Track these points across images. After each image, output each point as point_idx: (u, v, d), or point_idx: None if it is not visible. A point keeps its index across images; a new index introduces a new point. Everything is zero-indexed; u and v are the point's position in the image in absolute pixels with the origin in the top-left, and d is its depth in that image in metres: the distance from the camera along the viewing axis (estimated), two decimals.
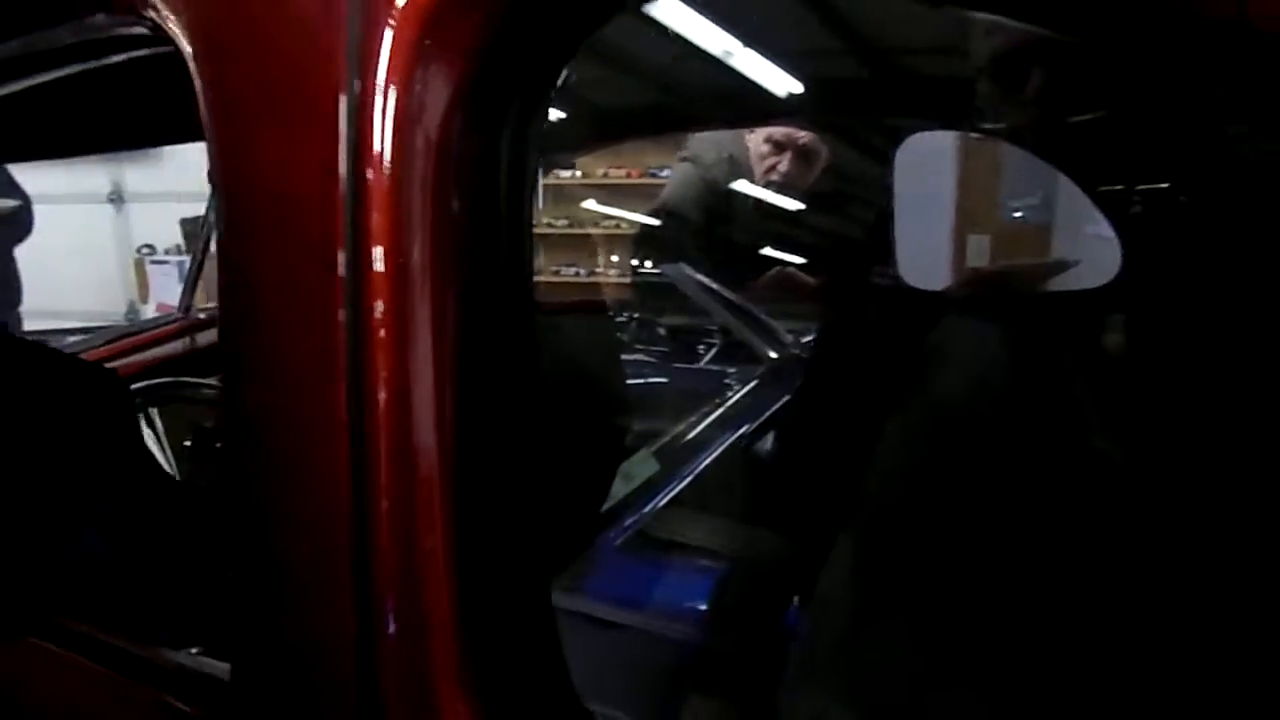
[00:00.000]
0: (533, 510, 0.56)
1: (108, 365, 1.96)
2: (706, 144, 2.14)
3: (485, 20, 0.49)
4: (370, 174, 0.50)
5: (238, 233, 0.56)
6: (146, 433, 1.85)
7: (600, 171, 4.69)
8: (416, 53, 0.49)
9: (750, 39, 1.61)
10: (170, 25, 0.59)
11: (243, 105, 0.55)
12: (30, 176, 3.93)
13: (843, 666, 0.91)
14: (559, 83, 0.56)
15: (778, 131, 2.01)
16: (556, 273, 5.07)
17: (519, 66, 0.51)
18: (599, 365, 1.89)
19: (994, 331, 1.13)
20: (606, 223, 4.28)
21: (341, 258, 0.51)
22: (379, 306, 0.51)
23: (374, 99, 0.50)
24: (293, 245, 0.53)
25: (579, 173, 4.82)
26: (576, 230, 5.03)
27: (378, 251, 0.50)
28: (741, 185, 2.16)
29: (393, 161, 0.50)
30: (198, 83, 0.57)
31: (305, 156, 0.52)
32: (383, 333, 0.51)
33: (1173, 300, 0.94)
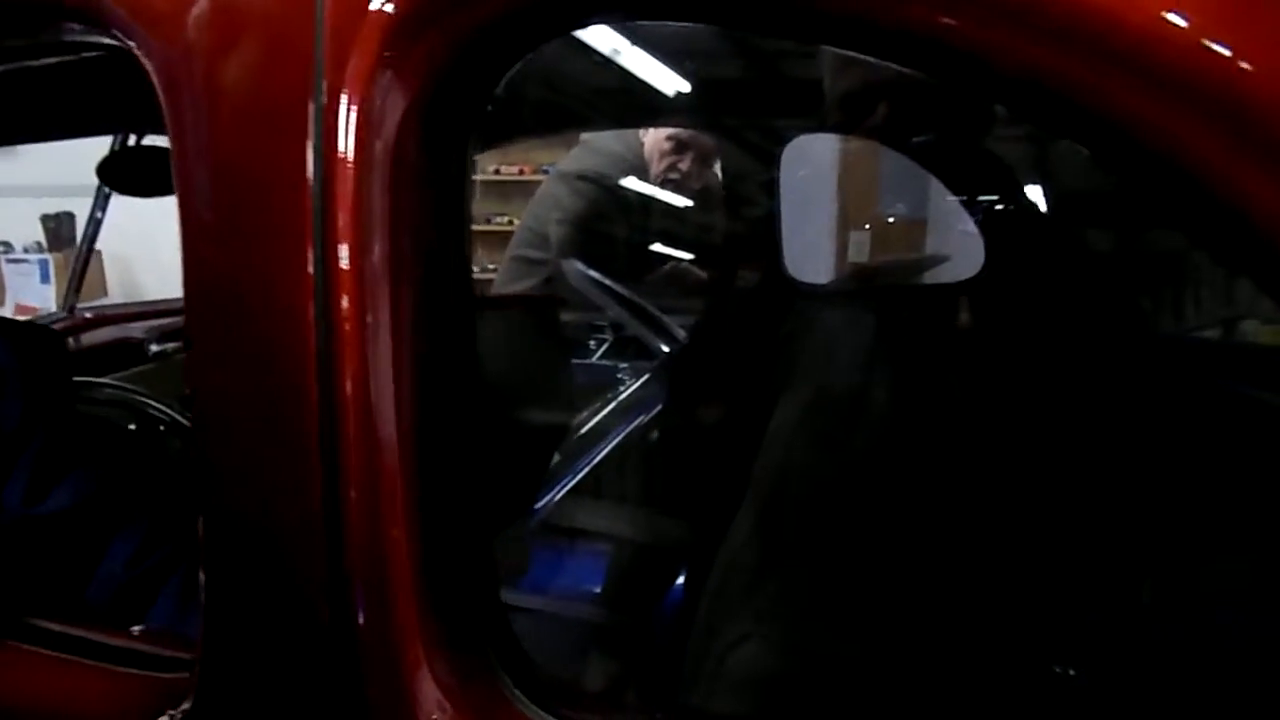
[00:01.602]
0: (489, 496, 0.62)
1: None
2: (597, 155, 2.17)
3: (444, 39, 0.54)
4: (337, 177, 0.55)
5: (205, 233, 0.59)
6: None
7: (491, 168, 4.68)
8: (379, 64, 0.54)
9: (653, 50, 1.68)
10: (128, 27, 0.61)
11: (212, 109, 0.58)
12: None
13: (756, 600, 1.02)
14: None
15: (682, 132, 2.08)
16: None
17: (472, 82, 0.57)
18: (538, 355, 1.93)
19: (869, 321, 1.24)
20: (499, 220, 4.29)
21: (311, 255, 0.56)
22: (345, 302, 0.55)
23: (339, 107, 0.55)
24: (262, 243, 0.57)
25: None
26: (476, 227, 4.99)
27: (344, 250, 0.55)
28: (634, 183, 2.22)
29: (356, 165, 0.55)
30: (159, 85, 0.60)
31: (275, 159, 0.56)
32: (348, 326, 0.56)
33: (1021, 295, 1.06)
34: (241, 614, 0.63)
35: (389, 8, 0.54)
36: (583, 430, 2.26)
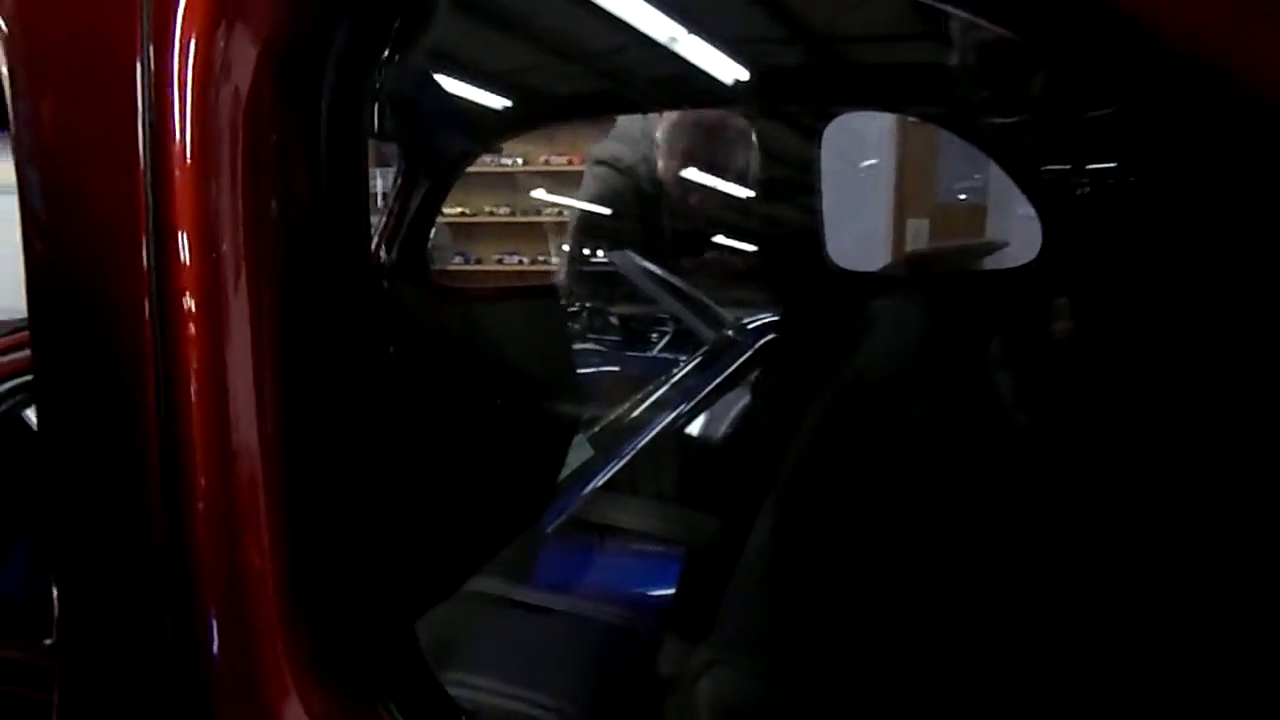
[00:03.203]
0: (374, 505, 0.53)
1: (10, 357, 1.89)
2: (618, 140, 2.12)
3: None
4: (172, 153, 0.46)
5: (38, 226, 0.51)
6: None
7: (541, 159, 4.62)
8: (218, 8, 0.45)
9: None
10: None
11: (38, 79, 0.50)
12: None
13: (738, 623, 0.92)
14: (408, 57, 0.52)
15: (692, 143, 2.00)
16: (500, 261, 5.03)
17: (334, 20, 0.47)
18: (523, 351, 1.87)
19: (918, 311, 1.13)
20: (550, 210, 4.23)
21: (146, 246, 0.47)
22: (187, 299, 0.47)
23: (172, 64, 0.45)
24: (94, 235, 0.49)
25: (520, 160, 4.75)
26: (520, 219, 4.98)
27: (183, 238, 0.46)
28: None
29: (195, 135, 0.46)
30: (3, 62, 0.52)
31: (101, 136, 0.48)
32: (192, 327, 0.47)
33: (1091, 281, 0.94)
34: (88, 635, 0.55)
35: None
36: (617, 426, 2.18)
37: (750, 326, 2.16)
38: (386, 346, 0.55)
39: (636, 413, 2.25)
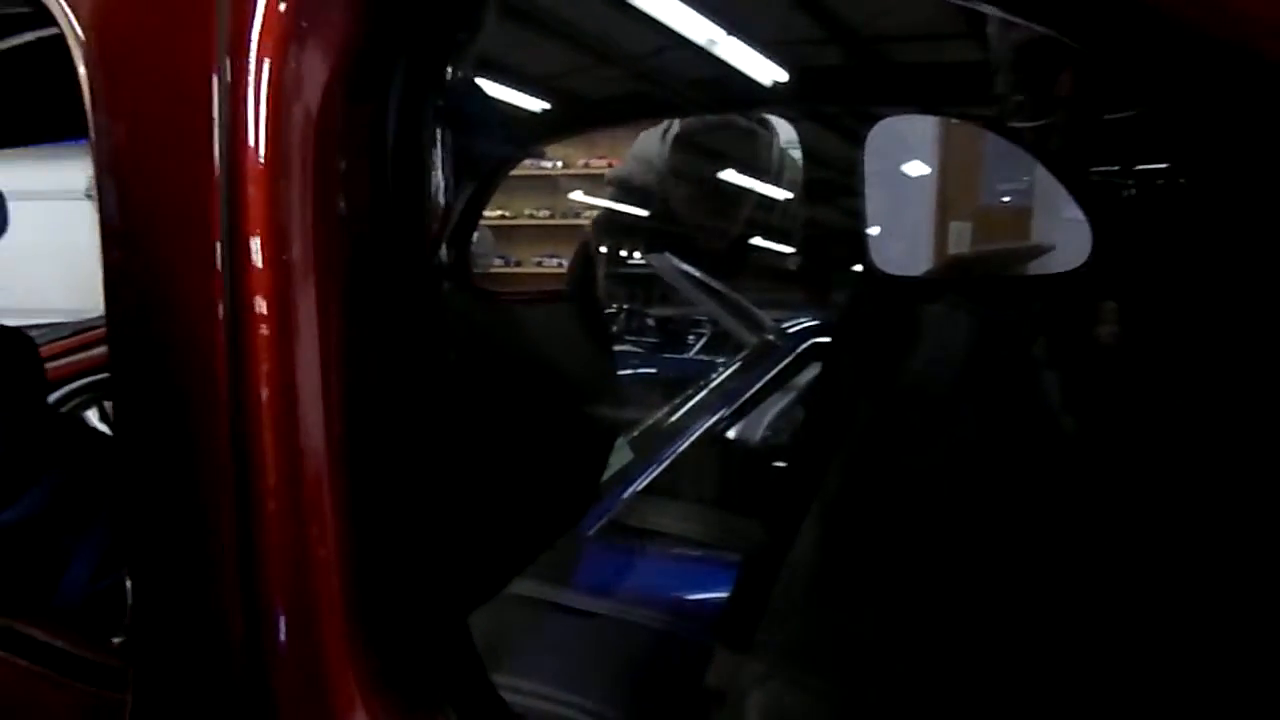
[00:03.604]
0: (435, 506, 0.54)
1: (74, 358, 1.94)
2: (634, 165, 2.11)
3: None
4: (246, 162, 0.47)
5: (114, 232, 0.53)
6: (103, 425, 1.83)
7: (580, 162, 4.64)
8: (291, 24, 0.46)
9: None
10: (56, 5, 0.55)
11: (116, 89, 0.52)
12: (2, 172, 3.87)
13: (792, 634, 0.92)
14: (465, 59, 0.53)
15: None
16: (539, 264, 5.05)
17: (402, 34, 0.48)
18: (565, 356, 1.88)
19: (965, 315, 1.12)
20: (589, 213, 4.25)
21: (219, 250, 0.48)
22: (259, 302, 0.48)
23: (247, 76, 0.47)
24: (170, 240, 0.51)
25: (560, 163, 4.78)
26: (560, 221, 5.00)
27: (255, 243, 0.48)
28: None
29: (269, 144, 0.47)
30: (80, 66, 0.54)
31: (178, 145, 0.49)
32: (264, 328, 0.48)
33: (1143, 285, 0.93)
34: (164, 638, 0.57)
35: None
36: (657, 429, 2.19)
37: (791, 331, 2.16)
38: (446, 349, 0.57)
39: (677, 416, 2.26)
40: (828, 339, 2.05)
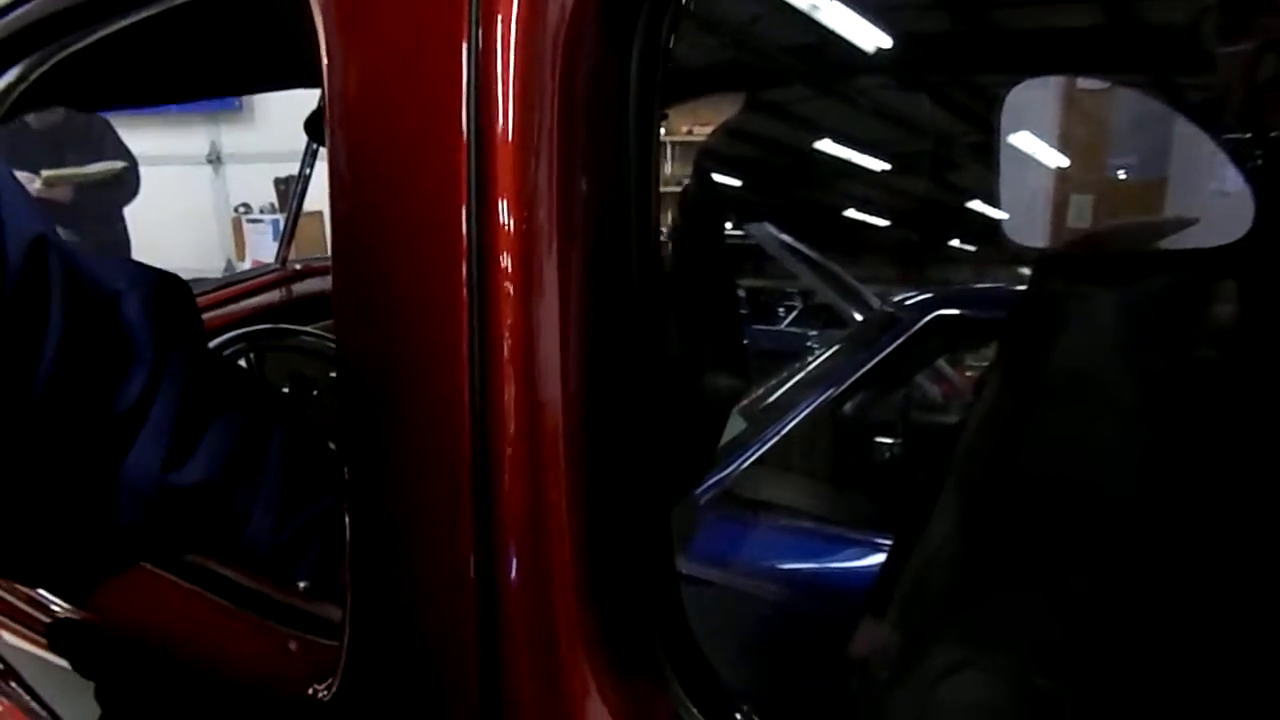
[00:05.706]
0: (656, 463, 0.56)
1: (211, 314, 2.04)
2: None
3: None
4: (495, 129, 0.50)
5: (347, 188, 0.56)
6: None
7: (684, 129, 4.60)
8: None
9: None
10: None
11: (362, 53, 0.55)
12: (131, 138, 4.06)
13: (969, 618, 0.90)
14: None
15: None
16: None
17: (634, 14, 0.50)
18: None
19: (1109, 295, 1.09)
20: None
21: (465, 211, 0.51)
22: (505, 259, 0.50)
23: (497, 47, 0.49)
24: (416, 200, 0.53)
25: (662, 130, 4.73)
26: (664, 188, 4.96)
27: (503, 205, 0.50)
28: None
29: (516, 116, 0.49)
30: (320, 29, 0.56)
31: (428, 110, 0.52)
32: (509, 285, 0.51)
33: None
34: (386, 588, 0.60)
35: None
36: (770, 400, 2.18)
37: (910, 303, 2.13)
38: (664, 313, 0.58)
39: (788, 387, 2.24)
40: (953, 311, 2.01)
